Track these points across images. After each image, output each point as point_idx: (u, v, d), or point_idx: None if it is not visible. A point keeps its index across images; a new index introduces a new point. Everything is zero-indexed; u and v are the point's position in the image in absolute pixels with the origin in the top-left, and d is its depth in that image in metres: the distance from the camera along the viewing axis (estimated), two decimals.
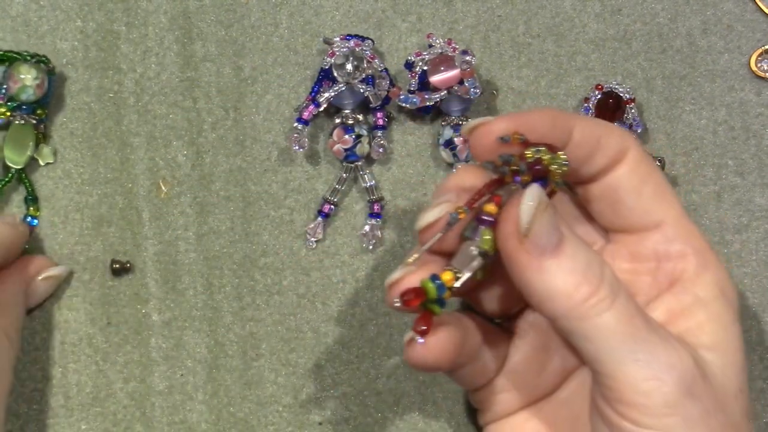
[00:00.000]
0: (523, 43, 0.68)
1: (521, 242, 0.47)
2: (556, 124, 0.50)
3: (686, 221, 0.52)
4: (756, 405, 0.65)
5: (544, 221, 0.47)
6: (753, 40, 0.68)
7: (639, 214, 0.52)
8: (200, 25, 0.67)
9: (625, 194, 0.52)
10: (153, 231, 0.65)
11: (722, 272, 0.52)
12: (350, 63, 0.64)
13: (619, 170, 0.52)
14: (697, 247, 0.52)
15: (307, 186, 0.66)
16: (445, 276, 0.48)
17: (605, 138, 0.51)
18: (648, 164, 0.52)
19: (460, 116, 0.66)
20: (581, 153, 0.51)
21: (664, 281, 0.52)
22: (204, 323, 0.65)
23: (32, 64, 0.64)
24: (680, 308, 0.51)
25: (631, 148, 0.52)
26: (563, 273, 0.47)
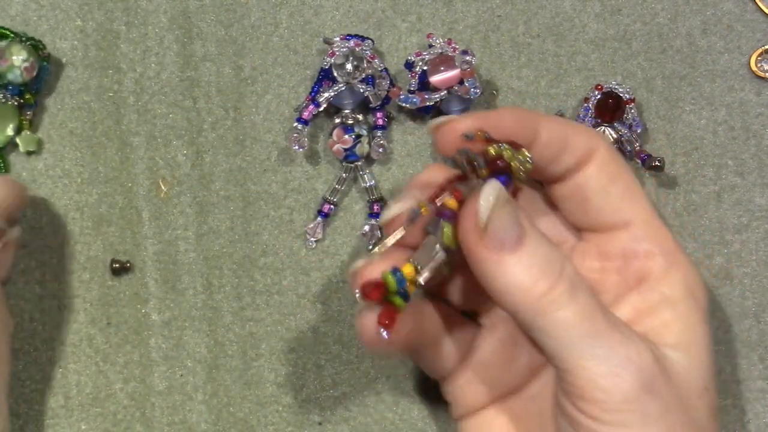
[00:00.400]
0: (523, 43, 0.68)
1: (480, 237, 0.47)
2: (522, 123, 0.51)
3: (655, 221, 0.53)
4: (756, 405, 0.65)
5: (504, 216, 0.47)
6: (753, 40, 0.68)
7: (607, 213, 0.53)
8: (200, 25, 0.67)
9: (593, 194, 0.52)
10: (153, 231, 0.65)
11: (691, 272, 0.52)
12: (350, 63, 0.64)
13: (586, 170, 0.52)
14: (665, 247, 0.52)
15: (307, 186, 0.66)
16: (406, 269, 0.49)
17: (572, 138, 0.52)
18: (617, 164, 0.53)
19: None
20: (548, 152, 0.51)
21: (632, 280, 0.52)
22: (204, 323, 0.65)
23: (24, 46, 0.64)
24: (647, 306, 0.51)
25: (599, 148, 0.52)
26: (522, 268, 0.47)
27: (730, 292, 0.66)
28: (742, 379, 0.65)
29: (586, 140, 0.52)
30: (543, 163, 0.52)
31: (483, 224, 0.47)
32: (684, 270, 0.52)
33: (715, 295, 0.66)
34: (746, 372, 0.65)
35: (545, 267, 0.47)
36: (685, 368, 0.49)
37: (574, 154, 0.52)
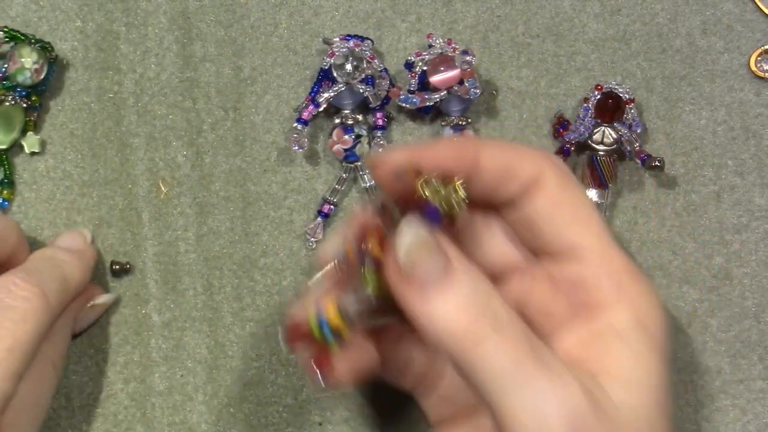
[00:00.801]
0: (523, 44, 0.68)
1: (402, 277, 0.46)
2: (459, 153, 0.49)
3: (607, 247, 0.50)
4: (756, 405, 0.65)
5: (424, 255, 0.46)
6: (753, 40, 0.68)
7: (555, 241, 0.51)
8: (200, 26, 0.67)
9: (540, 221, 0.51)
10: (153, 232, 0.65)
11: (642, 301, 0.49)
12: (350, 63, 0.65)
13: (532, 198, 0.50)
14: (615, 275, 0.50)
15: (307, 186, 0.66)
16: (330, 315, 0.48)
17: (517, 164, 0.50)
18: (566, 188, 0.51)
19: (460, 116, 0.66)
20: (490, 181, 0.50)
21: (581, 309, 0.50)
22: (204, 324, 0.65)
23: (34, 48, 0.65)
24: (592, 338, 0.49)
25: (544, 174, 0.50)
26: (446, 304, 0.46)
27: (730, 292, 0.66)
28: (741, 379, 0.65)
29: (532, 166, 0.50)
30: (485, 191, 0.50)
31: (403, 265, 0.46)
32: (635, 300, 0.49)
33: (714, 295, 0.66)
34: (746, 372, 0.65)
35: (470, 302, 0.46)
36: (628, 405, 0.47)
37: (518, 181, 0.50)
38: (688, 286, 0.66)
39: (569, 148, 0.65)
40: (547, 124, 0.67)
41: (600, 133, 0.65)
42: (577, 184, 0.51)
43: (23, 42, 0.65)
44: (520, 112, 0.67)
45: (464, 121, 0.65)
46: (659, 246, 0.66)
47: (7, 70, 0.65)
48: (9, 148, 0.65)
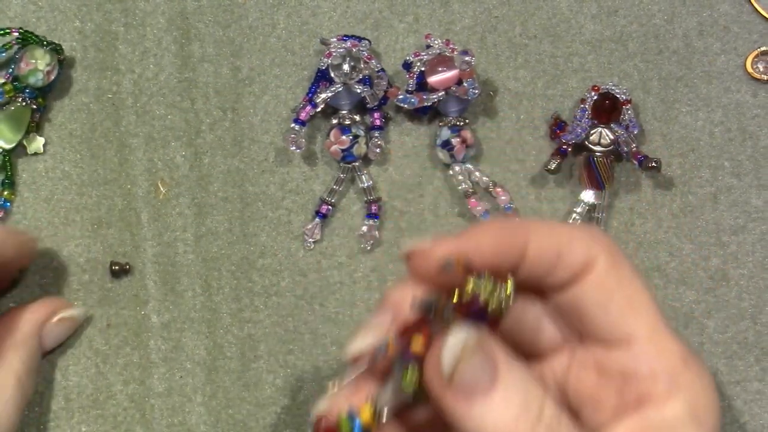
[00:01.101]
0: (520, 44, 0.68)
1: (447, 387, 0.44)
2: (506, 241, 0.47)
3: (660, 336, 0.47)
4: (753, 406, 0.65)
5: (472, 362, 0.44)
6: (749, 42, 0.68)
7: (606, 330, 0.48)
8: (198, 26, 0.67)
9: (590, 310, 0.48)
10: (152, 232, 0.66)
11: (697, 393, 0.47)
12: (347, 63, 0.65)
13: (584, 284, 0.48)
14: (669, 367, 0.47)
15: (305, 187, 0.66)
16: (364, 413, 0.46)
17: (567, 249, 0.48)
18: (618, 274, 0.48)
19: (458, 117, 0.66)
20: (540, 268, 0.48)
21: (632, 401, 0.47)
22: (203, 325, 0.65)
23: (47, 50, 0.65)
24: (645, 431, 0.46)
25: (597, 259, 0.48)
26: (495, 413, 0.44)
27: (727, 293, 0.66)
28: (738, 380, 0.65)
29: (584, 251, 0.48)
30: (534, 279, 0.48)
31: (447, 375, 0.44)
32: (689, 391, 0.46)
33: (711, 297, 0.66)
34: (743, 373, 0.65)
35: (521, 411, 0.44)
36: None
37: (569, 267, 0.48)
38: (685, 288, 0.66)
39: (566, 149, 0.65)
40: (544, 125, 0.67)
41: (597, 134, 0.65)
42: (630, 268, 0.49)
43: (36, 44, 0.65)
44: (518, 113, 0.67)
45: (462, 122, 0.66)
46: (656, 247, 0.66)
47: (18, 71, 0.65)
48: (13, 148, 0.66)
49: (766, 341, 0.65)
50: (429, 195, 0.66)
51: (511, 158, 0.67)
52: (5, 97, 0.65)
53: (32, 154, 0.66)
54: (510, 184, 0.67)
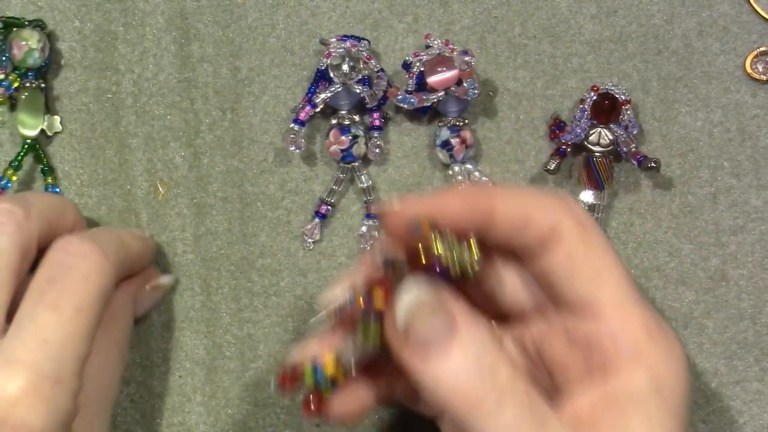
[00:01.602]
0: (519, 45, 0.68)
1: (404, 341, 0.46)
2: (473, 204, 0.48)
3: (626, 306, 0.48)
4: (752, 407, 0.65)
5: (427, 319, 0.45)
6: (748, 42, 0.68)
7: (571, 296, 0.49)
8: (197, 26, 0.67)
9: (558, 279, 0.49)
10: (151, 232, 0.66)
11: (662, 365, 0.47)
12: (346, 64, 0.65)
13: (552, 253, 0.49)
14: (633, 338, 0.47)
15: (304, 187, 0.66)
16: (327, 363, 0.48)
17: (533, 214, 0.49)
18: (586, 243, 0.49)
19: (457, 117, 0.66)
20: (505, 231, 0.49)
21: (596, 368, 0.48)
22: (202, 325, 0.65)
23: (33, 28, 0.65)
24: (606, 401, 0.47)
25: (562, 224, 0.48)
26: (450, 371, 0.45)
27: (726, 293, 0.66)
28: (738, 380, 0.65)
29: (548, 217, 0.48)
30: (501, 241, 0.49)
31: (402, 329, 0.45)
32: (653, 363, 0.47)
33: (710, 297, 0.66)
34: (742, 374, 0.65)
35: (474, 365, 0.44)
36: None
37: (534, 232, 0.48)
38: (684, 288, 0.66)
39: (565, 149, 0.65)
40: (544, 125, 0.67)
41: (596, 135, 0.65)
42: (599, 237, 0.49)
43: (19, 26, 0.65)
44: (517, 114, 0.67)
45: (461, 122, 0.66)
46: (655, 247, 0.66)
47: (13, 58, 0.65)
48: (37, 136, 0.66)
49: (766, 341, 0.65)
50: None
51: (511, 158, 0.67)
52: (14, 88, 0.65)
53: (53, 134, 0.66)
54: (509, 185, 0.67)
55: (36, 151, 0.65)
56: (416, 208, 0.48)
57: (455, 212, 0.48)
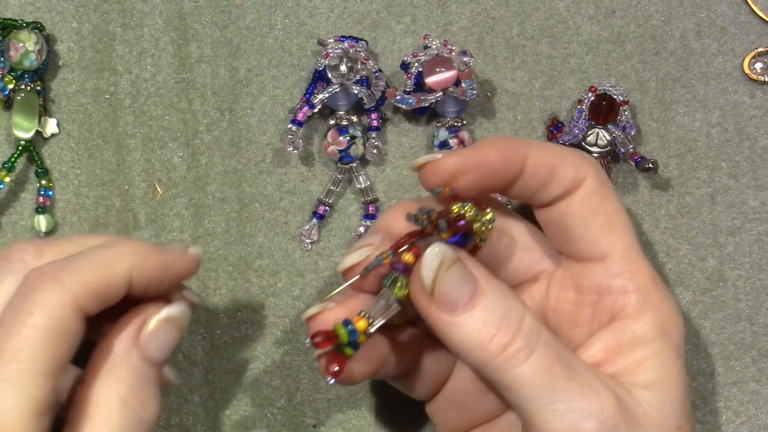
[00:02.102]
0: (517, 45, 0.68)
1: (430, 300, 0.48)
2: (507, 156, 0.51)
3: (634, 256, 0.52)
4: (749, 407, 0.65)
5: (452, 278, 0.47)
6: (746, 43, 0.68)
7: (586, 245, 0.52)
8: (195, 27, 0.67)
9: (574, 223, 0.52)
10: (149, 233, 0.66)
11: (665, 309, 0.51)
12: (344, 64, 0.65)
13: (570, 199, 0.52)
14: (640, 284, 0.51)
15: (302, 187, 0.66)
16: (359, 324, 0.49)
17: (560, 167, 0.51)
18: (603, 194, 0.52)
19: (456, 117, 0.66)
20: (535, 182, 0.51)
21: (605, 316, 0.51)
22: (200, 325, 0.65)
23: (30, 30, 0.65)
24: (618, 345, 0.50)
25: (587, 177, 0.52)
26: (476, 325, 0.47)
27: (724, 294, 0.66)
28: (735, 381, 0.65)
29: (575, 169, 0.51)
30: (529, 193, 0.52)
31: (428, 288, 0.47)
32: (657, 307, 0.51)
33: (707, 297, 0.66)
34: (739, 374, 0.65)
35: (501, 322, 0.47)
36: (655, 408, 0.49)
37: (561, 183, 0.51)
38: (682, 288, 0.66)
39: None
40: (542, 125, 0.67)
41: (594, 135, 0.65)
42: (613, 192, 0.53)
43: (16, 27, 0.65)
44: (515, 114, 0.67)
45: (459, 123, 0.66)
46: (653, 248, 0.66)
47: (10, 59, 0.65)
48: (32, 138, 0.66)
49: (763, 342, 0.65)
50: (427, 196, 0.66)
51: None
52: (9, 90, 0.65)
53: (49, 137, 0.66)
54: None
55: (30, 153, 0.65)
56: (455, 161, 0.50)
57: (492, 163, 0.50)
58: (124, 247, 0.50)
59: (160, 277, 0.51)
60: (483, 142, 0.51)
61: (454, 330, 0.48)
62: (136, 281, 0.50)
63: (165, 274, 0.52)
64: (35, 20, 0.66)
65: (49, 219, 0.65)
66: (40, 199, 0.65)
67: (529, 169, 0.51)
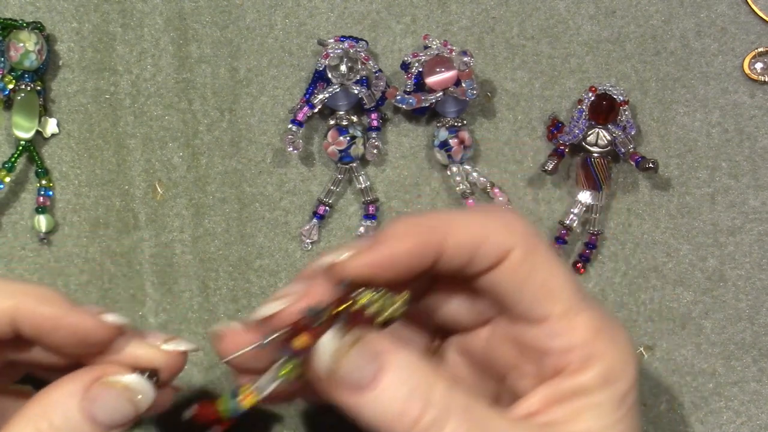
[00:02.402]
0: (518, 45, 0.68)
1: (332, 383, 0.46)
2: (422, 245, 0.48)
3: (573, 313, 0.49)
4: (750, 407, 0.65)
5: (353, 359, 0.46)
6: (746, 43, 0.68)
7: (521, 311, 0.49)
8: (195, 27, 0.67)
9: (505, 293, 0.49)
10: (149, 233, 0.65)
11: (611, 358, 0.49)
12: (344, 64, 0.65)
13: (499, 271, 0.49)
14: (582, 339, 0.49)
15: (302, 187, 0.66)
16: (245, 402, 0.48)
17: (483, 244, 0.49)
18: (533, 263, 0.49)
19: (456, 117, 0.66)
20: (456, 263, 0.49)
21: (548, 371, 0.49)
22: (200, 325, 0.65)
23: (30, 30, 0.65)
24: (559, 396, 0.48)
25: (513, 249, 0.49)
26: (384, 402, 0.46)
27: (724, 294, 0.66)
28: (736, 381, 0.65)
29: (499, 243, 0.49)
30: (450, 272, 0.49)
31: (328, 374, 0.46)
32: (603, 357, 0.48)
33: (708, 297, 0.66)
34: (740, 374, 0.65)
35: (410, 397, 0.45)
36: None
37: (485, 259, 0.49)
38: (682, 288, 0.66)
39: (563, 149, 0.65)
40: (542, 125, 0.67)
41: (594, 135, 0.65)
42: (545, 253, 0.50)
43: (16, 27, 0.65)
44: (515, 114, 0.67)
45: (460, 123, 0.66)
46: (653, 248, 0.66)
47: (10, 59, 0.65)
48: (32, 138, 0.65)
49: (764, 342, 0.65)
50: (427, 196, 0.66)
51: (509, 159, 0.67)
52: (9, 90, 0.65)
53: (50, 137, 0.66)
54: (507, 185, 0.67)
55: (30, 153, 0.65)
56: (361, 262, 0.48)
57: (404, 257, 0.48)
58: (8, 286, 0.49)
59: (52, 330, 0.48)
60: (394, 232, 0.49)
61: (362, 409, 0.46)
62: (22, 325, 0.48)
63: (61, 329, 0.48)
64: (35, 20, 0.66)
65: (49, 219, 0.65)
66: (40, 199, 0.65)
67: (449, 252, 0.48)
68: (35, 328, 0.48)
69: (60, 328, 0.48)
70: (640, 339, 0.66)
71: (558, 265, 0.50)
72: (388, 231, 0.49)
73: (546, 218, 0.67)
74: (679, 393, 0.65)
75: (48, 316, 0.48)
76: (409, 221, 0.49)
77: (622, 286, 0.66)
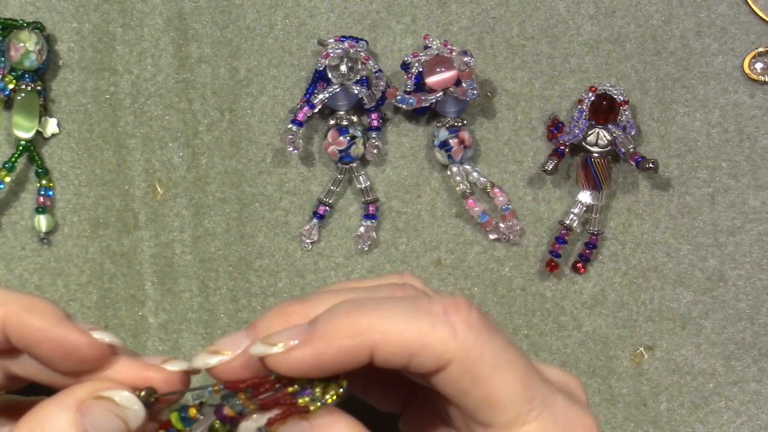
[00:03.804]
0: (518, 45, 0.68)
1: None
2: (354, 351, 0.45)
3: (521, 423, 0.46)
4: (750, 407, 0.65)
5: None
6: (746, 43, 0.68)
7: (467, 412, 0.46)
8: (196, 27, 0.67)
9: (450, 396, 0.46)
10: (149, 233, 0.66)
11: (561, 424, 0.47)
12: (344, 64, 0.65)
13: (441, 376, 0.45)
14: None
15: (302, 187, 0.66)
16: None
17: (421, 351, 0.45)
18: (479, 369, 0.45)
19: (456, 117, 0.66)
20: (393, 365, 0.45)
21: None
22: (200, 326, 0.65)
23: (31, 30, 0.65)
24: None
25: (451, 362, 0.45)
26: None
27: (724, 294, 0.66)
28: (736, 381, 0.65)
29: (440, 352, 0.45)
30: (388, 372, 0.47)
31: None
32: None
33: (708, 297, 0.66)
34: (740, 374, 0.65)
35: None
36: None
37: (424, 366, 0.45)
38: (682, 288, 0.66)
39: (563, 149, 0.65)
40: (542, 125, 0.67)
41: (594, 135, 0.65)
42: (493, 356, 0.46)
43: (16, 28, 0.65)
44: (515, 114, 0.67)
45: (460, 123, 0.66)
46: (653, 248, 0.66)
47: (10, 59, 0.65)
48: (32, 138, 0.66)
49: (764, 342, 0.65)
50: (427, 196, 0.66)
51: (509, 159, 0.67)
52: (9, 90, 0.65)
53: (50, 137, 0.66)
54: (507, 185, 0.67)
55: (31, 153, 0.65)
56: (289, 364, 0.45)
57: (335, 359, 0.45)
58: None
59: (38, 342, 0.48)
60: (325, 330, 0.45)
61: None
62: (10, 334, 0.48)
63: (47, 342, 0.47)
64: (35, 20, 0.66)
65: (50, 219, 0.65)
66: (41, 199, 0.65)
67: (382, 357, 0.45)
68: (23, 338, 0.48)
69: (46, 340, 0.47)
70: (640, 339, 0.66)
71: (507, 371, 0.46)
72: (320, 328, 0.46)
73: (546, 218, 0.67)
74: (679, 393, 0.65)
75: (35, 327, 0.47)
76: (341, 316, 0.46)
77: (622, 286, 0.66)
